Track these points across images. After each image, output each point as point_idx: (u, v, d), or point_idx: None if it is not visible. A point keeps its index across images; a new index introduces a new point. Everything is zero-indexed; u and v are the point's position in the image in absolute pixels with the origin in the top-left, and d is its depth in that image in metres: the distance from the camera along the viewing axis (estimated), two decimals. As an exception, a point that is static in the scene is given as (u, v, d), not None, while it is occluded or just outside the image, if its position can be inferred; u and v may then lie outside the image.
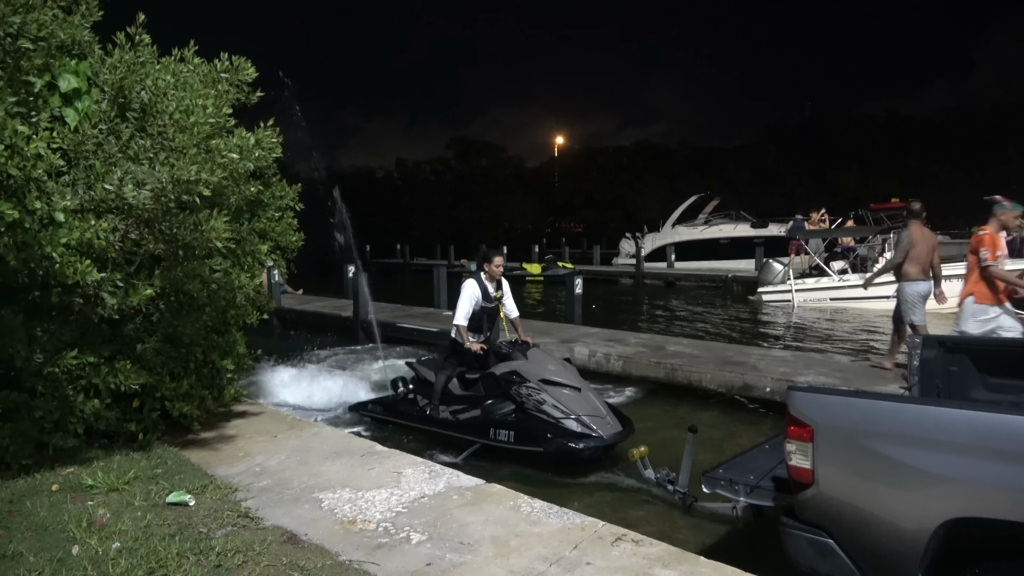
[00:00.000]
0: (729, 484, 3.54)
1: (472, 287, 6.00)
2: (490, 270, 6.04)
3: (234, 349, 5.30)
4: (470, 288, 6.00)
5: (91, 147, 3.98)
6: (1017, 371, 3.73)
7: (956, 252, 23.36)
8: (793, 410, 2.81)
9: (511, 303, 6.27)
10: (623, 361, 8.27)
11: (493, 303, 6.07)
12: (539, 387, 5.39)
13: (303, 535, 3.19)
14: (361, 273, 12.22)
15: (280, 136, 4.86)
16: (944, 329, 7.45)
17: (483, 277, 6.05)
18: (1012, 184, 36.29)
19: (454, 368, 6.17)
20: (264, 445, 4.69)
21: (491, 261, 6.04)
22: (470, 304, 5.96)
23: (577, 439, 5.12)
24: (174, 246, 4.18)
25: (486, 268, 6.06)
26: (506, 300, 6.21)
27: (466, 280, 6.09)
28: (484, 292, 6.01)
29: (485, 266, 6.07)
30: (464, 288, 6.02)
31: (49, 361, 3.88)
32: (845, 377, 6.97)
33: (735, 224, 26.93)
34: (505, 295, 6.21)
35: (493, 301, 6.07)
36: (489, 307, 6.05)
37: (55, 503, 3.52)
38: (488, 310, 6.06)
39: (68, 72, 3.99)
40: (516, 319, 6.29)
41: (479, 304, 5.99)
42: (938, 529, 2.37)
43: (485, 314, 6.05)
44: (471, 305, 5.97)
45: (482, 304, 6.00)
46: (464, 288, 6.02)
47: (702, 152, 56.08)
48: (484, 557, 2.96)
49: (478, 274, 6.11)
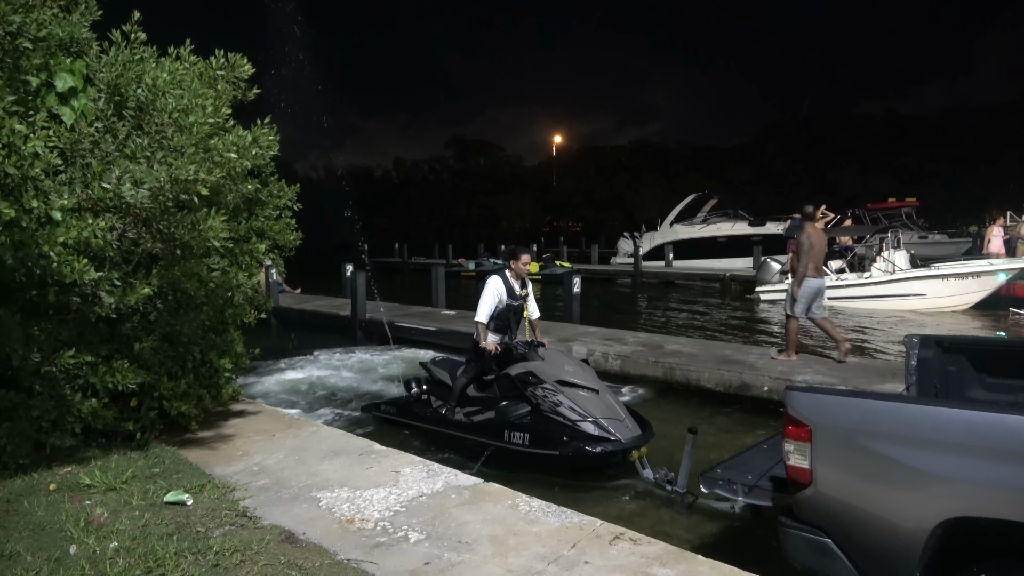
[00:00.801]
0: (727, 484, 3.55)
1: (497, 284, 5.84)
2: (517, 267, 5.90)
3: (232, 348, 5.29)
4: (494, 285, 5.84)
5: (88, 146, 3.97)
6: (1014, 371, 3.73)
7: (954, 251, 23.49)
8: (791, 410, 2.81)
9: (533, 304, 6.15)
10: (621, 360, 8.27)
11: (519, 301, 5.93)
12: (555, 388, 5.22)
13: (301, 534, 3.19)
14: (362, 271, 12.17)
15: (277, 134, 4.85)
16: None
17: (509, 274, 5.91)
18: (1010, 183, 36.45)
19: (476, 370, 6.01)
20: (262, 444, 4.68)
21: (518, 258, 5.89)
22: (493, 301, 5.80)
23: (594, 442, 4.95)
24: (172, 245, 4.18)
25: (513, 265, 5.92)
26: (530, 300, 6.09)
27: (491, 277, 5.95)
28: (510, 290, 5.86)
29: (512, 263, 5.92)
30: (488, 285, 5.86)
31: (46, 360, 3.87)
32: (843, 376, 6.98)
33: (733, 223, 26.99)
34: (529, 295, 6.08)
35: (519, 299, 5.93)
36: (515, 305, 5.90)
37: (53, 502, 3.51)
38: (514, 308, 5.90)
39: (64, 71, 3.99)
40: (536, 321, 6.13)
41: (503, 302, 5.83)
42: (936, 529, 2.37)
43: (511, 313, 5.88)
44: (494, 302, 5.81)
45: (507, 302, 5.85)
46: (488, 285, 5.86)
47: (700, 151, 56.11)
48: (482, 556, 2.96)
49: (503, 271, 5.97)
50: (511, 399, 5.56)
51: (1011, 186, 36.25)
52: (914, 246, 19.26)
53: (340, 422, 6.83)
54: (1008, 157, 39.03)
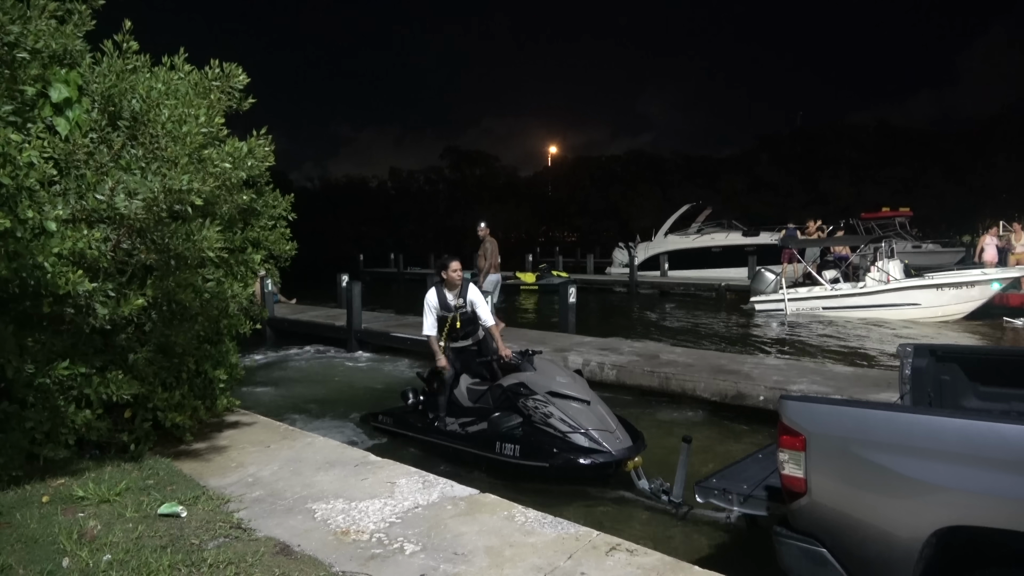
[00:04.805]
0: (723, 494, 3.55)
1: (429, 297, 6.05)
2: (448, 277, 6.02)
3: (227, 359, 5.27)
4: (427, 299, 6.04)
5: (82, 156, 3.96)
6: (1008, 379, 3.75)
7: (947, 261, 23.57)
8: (785, 419, 2.82)
9: (485, 311, 6.16)
10: (617, 370, 8.27)
11: (451, 312, 6.03)
12: (546, 400, 5.21)
13: (296, 546, 3.18)
14: (358, 282, 12.17)
15: (272, 144, 4.85)
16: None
17: (442, 286, 6.06)
18: (1002, 193, 36.67)
19: (445, 382, 6.08)
20: (257, 455, 4.66)
21: (447, 267, 6.03)
22: (431, 315, 6.01)
23: (585, 454, 4.94)
24: (166, 256, 4.16)
25: (444, 276, 6.04)
26: (478, 309, 6.11)
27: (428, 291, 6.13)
28: (442, 300, 6.02)
29: (443, 274, 6.05)
30: (425, 300, 6.06)
31: (40, 371, 3.85)
32: (838, 386, 6.99)
33: (727, 233, 27.04)
34: (475, 304, 6.11)
35: (452, 310, 6.03)
36: (447, 316, 6.02)
37: (45, 515, 3.48)
38: (448, 319, 6.02)
39: (59, 81, 3.99)
40: (492, 327, 6.19)
41: (438, 312, 6.01)
42: (930, 538, 2.38)
43: (452, 322, 6.02)
44: (433, 316, 6.01)
45: (440, 313, 6.01)
46: (425, 300, 6.06)
47: (694, 161, 56.20)
48: (478, 567, 2.95)
49: (439, 283, 6.10)
50: (504, 410, 5.56)
51: (1004, 195, 36.48)
52: (908, 256, 19.30)
53: (335, 433, 6.80)
54: (999, 166, 39.26)
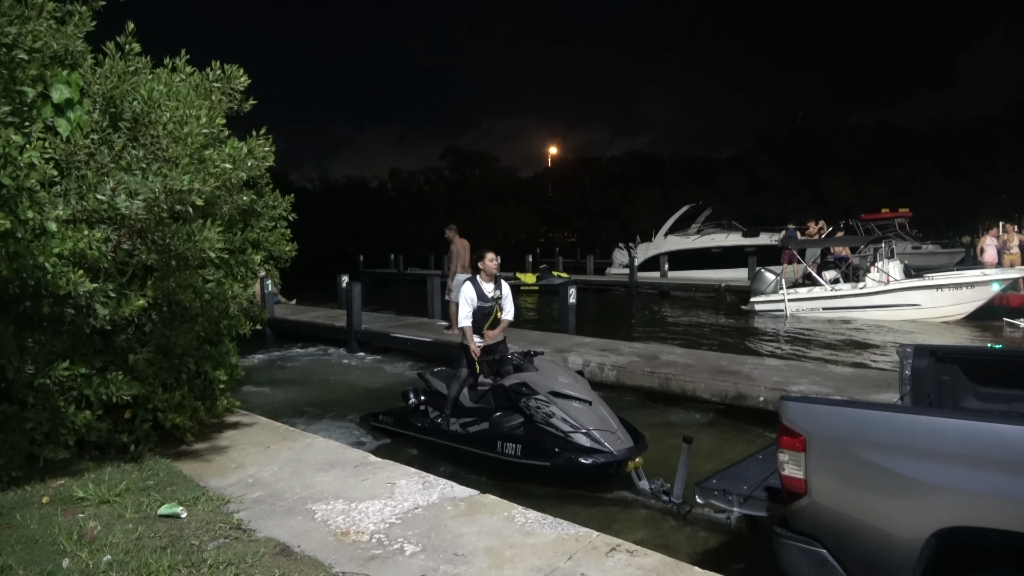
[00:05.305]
0: (723, 494, 3.55)
1: (466, 290, 6.05)
2: (485, 266, 6.07)
3: (227, 360, 5.28)
4: (465, 291, 6.05)
5: (83, 157, 3.97)
6: (1008, 380, 3.75)
7: (947, 261, 23.57)
8: (785, 420, 2.82)
9: (510, 305, 6.24)
10: (617, 371, 8.27)
11: (490, 303, 6.06)
12: (548, 399, 5.23)
13: (296, 547, 3.18)
14: (358, 282, 12.18)
15: (272, 145, 4.86)
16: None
17: (479, 277, 6.09)
18: (1002, 193, 36.64)
19: (466, 377, 6.10)
20: (257, 456, 4.66)
21: (483, 258, 6.08)
22: (467, 306, 6.00)
23: (586, 454, 4.95)
24: (167, 256, 4.17)
25: (481, 266, 6.08)
26: (504, 301, 6.19)
27: (464, 283, 6.14)
28: (479, 292, 6.04)
29: (480, 264, 6.10)
30: (461, 292, 6.08)
31: (40, 372, 3.86)
32: (838, 386, 6.99)
33: (727, 233, 27.03)
34: (504, 297, 6.19)
35: (490, 301, 6.06)
36: (486, 307, 6.05)
37: (45, 515, 3.49)
38: (485, 310, 6.05)
39: (60, 82, 4.00)
40: (505, 321, 6.24)
41: (475, 304, 6.02)
42: (931, 538, 2.38)
43: (483, 315, 6.05)
44: (469, 307, 6.00)
45: (478, 304, 6.02)
46: (461, 292, 6.08)
47: (694, 162, 56.22)
48: (478, 568, 2.95)
49: (473, 276, 6.14)
50: (506, 410, 5.58)
51: (1003, 196, 36.45)
52: (908, 256, 19.30)
53: (336, 433, 6.80)
54: (999, 167, 39.25)
